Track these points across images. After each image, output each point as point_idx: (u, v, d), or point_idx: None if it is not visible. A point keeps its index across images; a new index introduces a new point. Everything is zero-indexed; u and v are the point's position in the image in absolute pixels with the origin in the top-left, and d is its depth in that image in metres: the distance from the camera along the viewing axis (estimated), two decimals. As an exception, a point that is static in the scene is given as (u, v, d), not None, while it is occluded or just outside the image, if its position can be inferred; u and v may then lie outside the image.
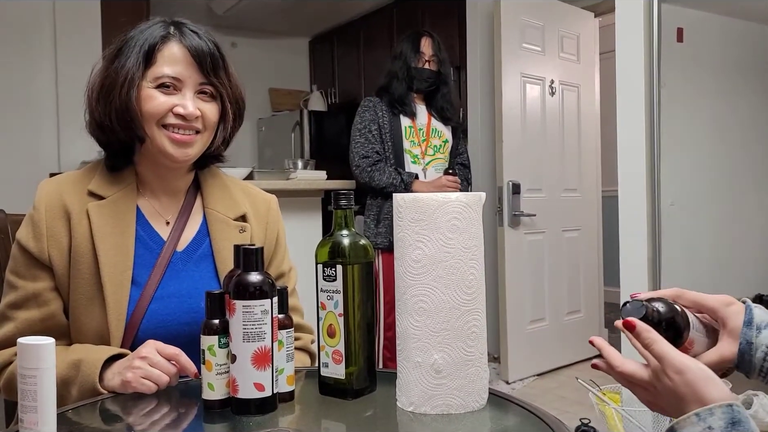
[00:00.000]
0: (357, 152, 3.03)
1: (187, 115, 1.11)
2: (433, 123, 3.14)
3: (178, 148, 1.13)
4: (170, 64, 1.12)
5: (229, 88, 1.18)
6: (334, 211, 0.99)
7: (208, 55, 1.13)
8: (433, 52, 3.12)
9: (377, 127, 3.03)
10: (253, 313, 0.89)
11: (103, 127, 1.15)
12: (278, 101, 6.05)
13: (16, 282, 1.12)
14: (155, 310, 1.12)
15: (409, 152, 3.07)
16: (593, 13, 4.10)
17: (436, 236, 0.89)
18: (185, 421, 0.95)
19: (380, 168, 2.99)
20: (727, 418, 0.68)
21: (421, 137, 3.09)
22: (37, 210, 1.13)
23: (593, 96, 4.21)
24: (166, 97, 1.12)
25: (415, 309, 0.89)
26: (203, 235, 1.22)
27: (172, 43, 1.14)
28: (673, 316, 0.82)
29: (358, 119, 3.09)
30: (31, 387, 0.80)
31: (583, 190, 4.13)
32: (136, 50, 1.12)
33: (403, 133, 3.06)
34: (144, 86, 1.12)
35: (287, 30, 6.02)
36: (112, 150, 1.18)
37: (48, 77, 4.03)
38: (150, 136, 1.13)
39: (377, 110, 3.06)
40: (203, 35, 1.16)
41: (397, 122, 3.05)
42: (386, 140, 3.04)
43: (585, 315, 4.12)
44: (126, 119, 1.11)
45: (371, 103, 3.09)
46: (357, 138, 3.06)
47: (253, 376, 0.89)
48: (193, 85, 1.13)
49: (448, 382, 0.89)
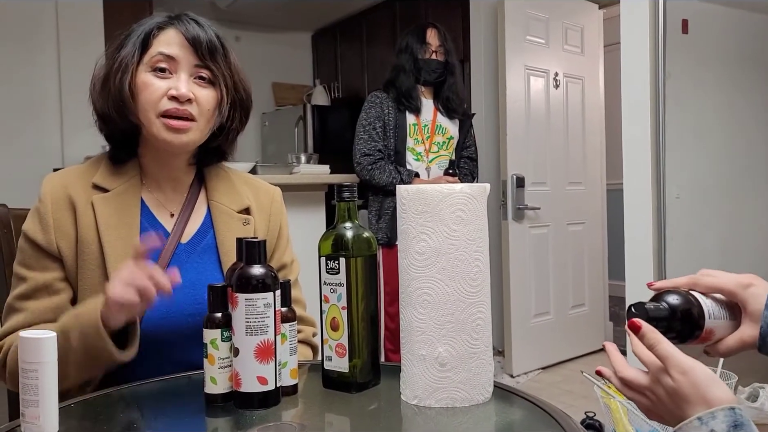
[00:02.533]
0: (359, 149, 3.03)
1: (180, 96, 1.10)
2: (439, 119, 3.12)
3: (172, 134, 1.12)
4: (165, 45, 1.13)
5: (228, 75, 1.16)
6: (337, 204, 0.98)
7: (205, 41, 1.13)
8: (440, 43, 3.09)
9: (382, 124, 3.03)
10: (255, 307, 0.88)
11: (104, 117, 1.15)
12: (281, 96, 6.04)
13: (25, 274, 1.12)
14: (159, 301, 1.12)
15: (412, 150, 3.06)
16: (597, 5, 4.08)
17: (440, 228, 0.88)
18: (187, 415, 0.94)
19: (381, 166, 2.99)
20: (729, 421, 0.68)
21: (425, 134, 3.08)
22: (43, 203, 1.13)
23: (597, 88, 4.19)
24: (160, 82, 1.12)
25: (419, 301, 0.89)
26: (207, 227, 1.22)
27: (169, 29, 1.15)
28: (688, 309, 0.81)
29: (364, 115, 3.07)
30: (32, 381, 0.80)
31: (587, 183, 4.11)
32: (134, 39, 1.13)
33: (407, 131, 3.05)
34: (140, 72, 1.12)
35: (290, 24, 6.01)
36: (116, 141, 1.19)
37: (51, 74, 4.04)
38: (146, 124, 1.12)
39: (383, 106, 3.04)
40: (204, 24, 1.16)
41: (402, 119, 3.04)
42: (390, 137, 3.03)
43: (589, 309, 4.11)
44: (120, 105, 1.12)
45: (378, 99, 3.07)
46: (361, 134, 3.05)
47: (256, 370, 0.89)
48: (188, 67, 1.13)
49: (453, 375, 0.88)
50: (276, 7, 5.40)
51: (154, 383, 1.04)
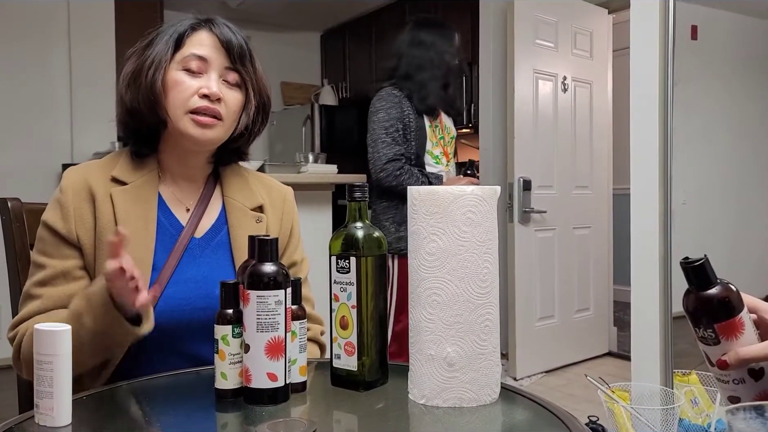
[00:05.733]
0: (384, 154, 2.70)
1: (211, 95, 1.14)
2: (443, 118, 2.98)
3: (199, 129, 1.15)
4: (198, 46, 1.17)
5: (254, 80, 1.20)
6: (348, 204, 0.99)
7: (236, 45, 1.17)
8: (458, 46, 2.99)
9: (403, 126, 2.75)
10: (267, 304, 0.89)
11: (132, 112, 1.18)
12: (289, 95, 6.06)
13: (44, 261, 1.13)
14: (171, 294, 1.13)
15: (430, 153, 2.87)
16: (607, 9, 4.08)
17: (450, 229, 0.88)
18: (198, 410, 0.95)
19: (408, 171, 2.73)
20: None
21: (438, 135, 2.91)
22: (64, 193, 1.15)
23: (606, 93, 4.19)
24: (191, 80, 1.15)
25: (428, 302, 0.89)
26: (221, 223, 1.24)
27: (202, 30, 1.18)
28: (732, 292, 0.80)
29: (384, 115, 2.73)
30: (47, 373, 0.81)
31: (594, 188, 4.11)
32: (167, 38, 1.17)
33: (427, 134, 2.83)
34: (171, 69, 1.15)
35: (299, 24, 6.03)
36: (140, 136, 1.21)
37: (62, 71, 4.07)
38: (174, 120, 1.15)
39: (403, 106, 2.76)
40: (234, 29, 1.20)
41: (421, 121, 2.80)
42: (410, 140, 2.77)
43: (594, 313, 4.11)
44: (151, 100, 1.14)
45: (395, 98, 2.77)
46: (383, 137, 2.71)
47: (266, 366, 0.89)
48: (218, 68, 1.17)
49: (461, 376, 0.89)
50: (285, 7, 5.42)
51: (164, 378, 1.05)
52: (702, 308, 0.79)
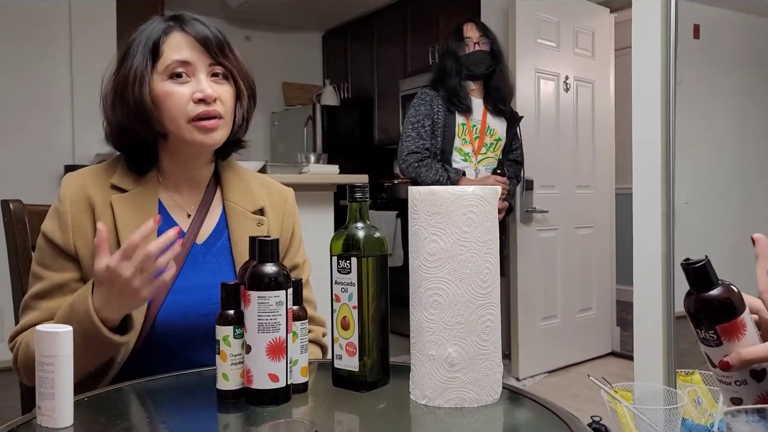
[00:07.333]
0: (406, 146, 2.97)
1: (207, 97, 1.12)
2: (489, 120, 3.08)
3: (204, 134, 1.13)
4: (176, 50, 1.13)
5: (238, 67, 1.18)
6: (349, 204, 0.99)
7: (214, 39, 1.15)
8: (480, 33, 3.06)
9: (431, 123, 2.98)
10: (268, 304, 0.89)
11: (122, 130, 1.15)
12: (291, 95, 6.06)
13: (42, 273, 1.13)
14: (174, 301, 1.13)
15: (460, 150, 3.01)
16: (608, 9, 4.07)
17: (451, 229, 0.88)
18: (199, 411, 0.95)
19: (427, 164, 2.93)
20: None
21: (473, 135, 3.03)
22: (63, 202, 1.14)
23: (608, 92, 4.18)
24: (181, 88, 1.13)
25: (429, 302, 0.89)
26: (222, 227, 1.23)
27: (175, 32, 1.15)
28: (734, 293, 0.80)
29: (413, 112, 3.01)
30: (48, 374, 0.81)
31: (596, 187, 4.11)
32: (141, 48, 1.13)
33: (455, 131, 3.00)
34: (156, 81, 1.13)
35: (301, 24, 6.03)
36: (136, 154, 1.19)
37: (63, 71, 4.07)
38: (175, 130, 1.13)
39: (433, 104, 2.99)
40: (205, 22, 1.17)
41: (451, 119, 2.99)
42: (437, 135, 2.97)
43: (597, 313, 4.10)
44: (143, 116, 1.12)
45: (428, 96, 3.02)
46: (409, 132, 2.99)
47: (267, 367, 0.89)
48: (203, 68, 1.14)
49: (462, 376, 0.89)
50: (287, 7, 5.41)
51: (166, 379, 1.05)
52: (703, 310, 0.79)
